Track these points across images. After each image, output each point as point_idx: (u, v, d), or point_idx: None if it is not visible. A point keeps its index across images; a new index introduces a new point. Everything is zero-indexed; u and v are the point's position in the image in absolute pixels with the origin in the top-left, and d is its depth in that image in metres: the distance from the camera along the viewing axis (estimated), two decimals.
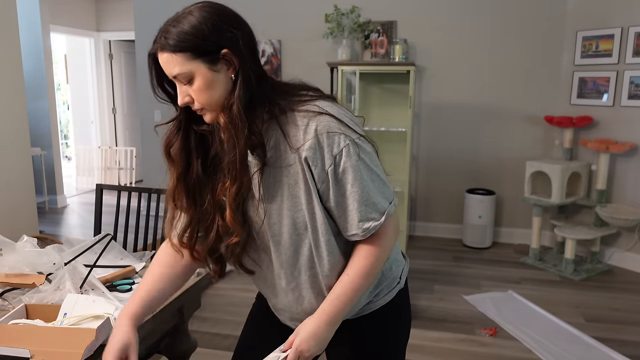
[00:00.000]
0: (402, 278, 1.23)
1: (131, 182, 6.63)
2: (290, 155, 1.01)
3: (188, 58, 0.97)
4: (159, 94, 1.08)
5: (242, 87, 0.99)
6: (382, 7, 4.36)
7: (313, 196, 1.02)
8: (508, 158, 4.33)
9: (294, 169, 1.01)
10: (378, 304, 1.17)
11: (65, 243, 1.67)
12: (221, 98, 1.00)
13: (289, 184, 1.02)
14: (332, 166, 1.00)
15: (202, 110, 1.03)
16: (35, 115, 5.32)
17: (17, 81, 3.32)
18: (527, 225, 4.33)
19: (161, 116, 5.08)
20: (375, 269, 1.07)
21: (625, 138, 3.71)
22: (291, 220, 1.04)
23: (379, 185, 1.04)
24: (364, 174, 1.01)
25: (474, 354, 2.57)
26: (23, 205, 3.41)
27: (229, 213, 1.02)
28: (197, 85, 0.99)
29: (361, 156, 1.01)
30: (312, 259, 1.08)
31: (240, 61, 0.99)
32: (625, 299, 3.25)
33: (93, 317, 1.22)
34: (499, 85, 4.26)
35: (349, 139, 1.00)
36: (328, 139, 0.99)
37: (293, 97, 1.04)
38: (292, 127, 1.01)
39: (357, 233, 1.04)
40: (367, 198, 1.02)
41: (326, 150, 0.99)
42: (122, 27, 6.41)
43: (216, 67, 0.98)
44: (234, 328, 2.79)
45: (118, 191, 2.27)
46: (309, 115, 1.00)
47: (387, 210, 1.04)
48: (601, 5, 3.82)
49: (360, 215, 1.02)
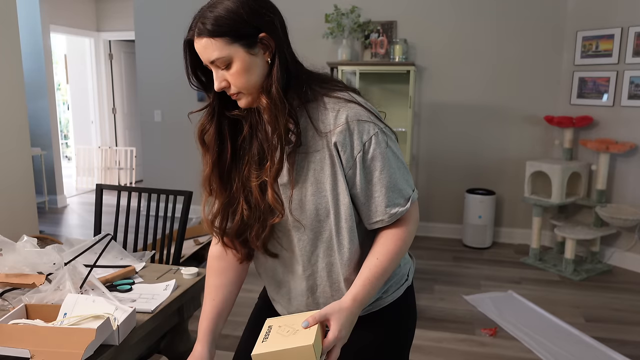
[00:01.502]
0: (409, 276, 1.24)
1: (131, 182, 6.63)
2: (318, 140, 1.04)
3: (227, 42, 0.98)
4: (193, 82, 1.09)
5: (279, 70, 1.01)
6: (382, 7, 4.36)
7: (339, 182, 1.04)
8: (508, 158, 4.33)
9: (320, 155, 1.04)
10: (387, 301, 1.18)
11: (65, 243, 1.67)
12: (258, 81, 1.02)
13: (314, 169, 1.04)
14: (360, 152, 1.03)
15: (238, 95, 1.04)
16: (35, 115, 5.32)
17: (17, 81, 3.32)
18: (527, 225, 4.33)
19: (161, 116, 5.08)
20: (401, 253, 1.09)
21: (625, 138, 3.71)
22: (314, 205, 1.06)
23: (404, 172, 1.08)
24: (392, 161, 1.05)
25: (474, 354, 2.57)
26: (23, 205, 3.41)
27: (271, 193, 1.04)
28: (235, 69, 1.00)
29: (389, 144, 1.05)
30: (332, 247, 1.09)
31: (277, 44, 1.02)
32: (625, 299, 3.25)
33: (93, 317, 1.22)
34: (499, 85, 4.26)
35: (377, 128, 1.04)
36: (358, 126, 1.02)
37: (325, 84, 1.08)
38: (322, 112, 1.04)
39: (383, 219, 1.06)
40: (394, 184, 1.05)
41: (356, 137, 1.02)
42: (122, 27, 6.41)
43: (254, 51, 1.00)
44: (234, 328, 2.79)
45: (118, 191, 2.27)
46: (340, 102, 1.04)
47: (411, 197, 1.08)
48: (601, 5, 3.82)
49: (388, 201, 1.05)
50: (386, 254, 1.07)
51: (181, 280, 1.59)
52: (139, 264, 1.70)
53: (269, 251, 1.15)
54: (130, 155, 6.62)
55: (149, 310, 1.37)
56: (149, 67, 5.03)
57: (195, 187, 1.30)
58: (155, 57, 5.00)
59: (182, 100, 4.99)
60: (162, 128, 5.10)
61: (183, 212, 2.12)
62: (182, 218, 2.12)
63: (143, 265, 1.71)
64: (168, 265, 1.74)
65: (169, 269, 1.70)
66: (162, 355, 1.69)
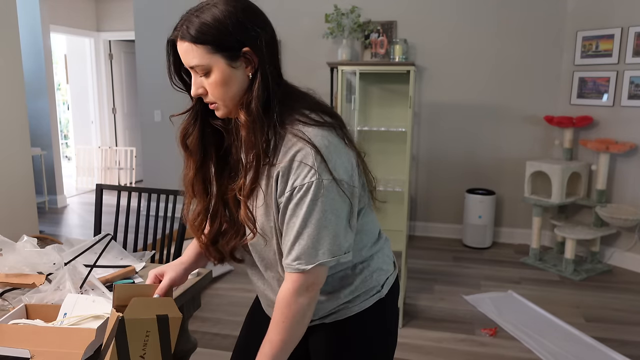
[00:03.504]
0: (383, 287, 1.18)
1: (131, 182, 6.63)
2: (272, 168, 1.01)
3: (208, 51, 0.96)
4: (175, 82, 1.08)
5: (260, 87, 0.99)
6: (382, 7, 4.36)
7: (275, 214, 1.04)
8: (508, 158, 4.33)
9: (272, 181, 1.01)
10: (353, 310, 1.15)
11: (65, 243, 1.67)
12: (236, 95, 1.01)
13: (266, 193, 1.02)
14: (288, 193, 0.98)
15: (214, 105, 1.03)
16: (35, 115, 5.32)
17: (17, 81, 3.32)
18: (527, 225, 4.33)
19: (161, 116, 5.08)
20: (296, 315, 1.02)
21: (625, 138, 3.71)
22: (261, 225, 1.05)
23: (325, 235, 0.99)
24: (313, 217, 0.98)
25: (474, 354, 2.57)
26: (23, 205, 3.41)
27: (244, 211, 1.03)
28: (213, 79, 0.98)
29: (320, 199, 0.97)
30: (276, 264, 1.10)
31: (260, 61, 0.99)
32: (625, 299, 3.25)
33: (93, 317, 1.22)
34: (499, 85, 4.26)
35: (316, 177, 0.96)
36: (298, 168, 0.97)
37: (295, 114, 1.02)
38: (280, 143, 1.00)
39: (284, 263, 1.02)
40: (304, 238, 0.99)
41: (291, 177, 0.98)
42: (122, 27, 6.41)
43: (235, 64, 0.98)
44: (234, 328, 2.79)
45: (118, 191, 2.27)
46: (298, 140, 0.99)
47: (317, 261, 0.99)
48: (601, 5, 3.82)
49: (291, 249, 1.00)
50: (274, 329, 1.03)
51: None
52: (139, 264, 1.70)
53: (235, 258, 1.17)
54: (130, 155, 6.61)
55: None
56: (149, 67, 5.03)
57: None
58: (155, 57, 5.00)
59: (182, 100, 4.94)
60: (162, 128, 5.10)
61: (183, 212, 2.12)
62: (182, 218, 2.12)
63: (143, 265, 1.70)
64: None
65: None
66: None
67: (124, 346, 0.99)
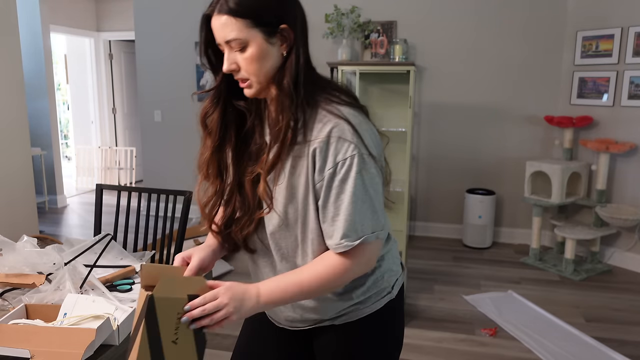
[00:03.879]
0: (394, 289, 1.18)
1: (131, 182, 6.63)
2: (302, 147, 1.01)
3: (246, 25, 0.96)
4: (203, 60, 1.07)
5: (293, 65, 0.99)
6: (382, 7, 4.36)
7: (310, 192, 1.02)
8: (508, 158, 4.33)
9: (301, 161, 1.01)
10: (364, 312, 1.14)
11: (65, 243, 1.67)
12: (269, 71, 1.00)
13: (292, 174, 1.02)
14: (331, 170, 0.98)
15: (245, 81, 1.02)
16: (35, 115, 5.32)
17: (17, 81, 3.33)
18: (527, 225, 4.33)
19: (161, 116, 5.08)
20: (330, 284, 1.03)
21: (625, 138, 3.71)
22: (283, 207, 1.04)
23: (368, 209, 1.00)
24: (358, 191, 0.98)
25: (474, 354, 2.57)
26: (23, 205, 3.41)
27: (262, 186, 1.02)
28: (249, 54, 0.98)
29: (362, 173, 0.98)
30: (295, 253, 1.08)
31: (295, 39, 0.99)
32: (625, 299, 3.25)
33: (93, 317, 1.22)
34: (499, 85, 4.26)
35: (357, 151, 0.97)
36: (337, 143, 0.97)
37: (325, 94, 1.04)
38: (312, 121, 1.01)
39: (330, 244, 1.02)
40: (350, 214, 0.98)
41: (331, 153, 0.98)
42: (122, 27, 6.41)
43: (272, 40, 0.98)
44: (234, 328, 2.79)
45: (118, 191, 2.27)
46: (331, 115, 1.00)
47: (365, 237, 1.00)
48: (601, 5, 3.82)
49: (337, 229, 1.00)
50: (312, 275, 1.02)
51: None
52: (139, 264, 1.70)
53: (248, 247, 1.14)
54: (130, 155, 6.62)
55: None
56: (149, 67, 5.03)
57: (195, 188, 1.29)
58: (155, 57, 5.00)
59: (182, 100, 4.99)
60: (162, 128, 5.10)
61: (183, 212, 2.12)
62: (182, 218, 2.12)
63: None
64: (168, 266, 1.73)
65: None
66: None
67: (155, 328, 0.92)
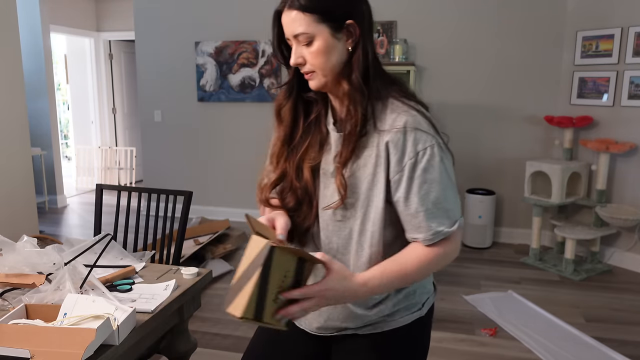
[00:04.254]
0: (424, 307, 1.17)
1: (131, 182, 6.63)
2: (371, 137, 1.02)
3: (314, 20, 0.98)
4: (277, 54, 1.10)
5: (361, 60, 1.01)
6: (382, 7, 4.35)
7: (378, 183, 1.02)
8: (508, 158, 4.33)
9: (367, 152, 1.03)
10: (391, 325, 1.13)
11: (65, 243, 1.67)
12: (334, 66, 1.02)
13: (357, 165, 1.03)
14: (412, 160, 0.99)
15: (311, 74, 1.04)
16: (35, 115, 5.32)
17: (17, 81, 3.33)
18: (527, 225, 4.33)
19: (161, 116, 5.08)
20: (429, 269, 1.03)
21: (625, 138, 3.71)
22: None
23: (454, 194, 1.03)
24: (443, 178, 1.00)
25: (474, 354, 2.57)
26: (23, 205, 3.41)
27: (339, 178, 1.03)
28: (315, 48, 1.00)
29: (444, 160, 1.01)
30: (349, 246, 1.08)
31: (361, 35, 1.01)
32: (625, 299, 3.25)
33: (93, 317, 1.22)
34: (499, 85, 4.26)
35: (435, 141, 1.00)
36: (415, 134, 0.99)
37: (393, 87, 1.06)
38: (383, 112, 1.03)
39: (426, 236, 1.01)
40: (441, 202, 1.00)
41: (410, 143, 0.99)
42: (122, 27, 6.41)
43: (338, 35, 1.01)
44: (234, 328, 2.79)
45: (118, 191, 2.27)
46: (404, 107, 1.02)
47: (458, 221, 1.02)
48: (601, 5, 3.81)
49: (432, 218, 1.00)
50: (414, 261, 1.01)
51: (181, 280, 1.59)
52: (139, 264, 1.70)
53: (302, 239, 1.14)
54: (130, 155, 6.62)
55: (149, 310, 1.37)
56: (149, 67, 5.03)
57: (195, 187, 1.29)
58: (155, 57, 5.00)
59: (182, 100, 4.99)
60: (162, 128, 5.10)
61: (183, 212, 2.12)
62: (182, 218, 2.12)
63: (143, 265, 1.71)
64: (168, 265, 1.73)
65: (169, 269, 1.70)
66: (162, 355, 1.69)
67: (266, 279, 0.89)
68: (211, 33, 4.80)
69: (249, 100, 4.81)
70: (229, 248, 3.88)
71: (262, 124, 4.83)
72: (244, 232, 4.32)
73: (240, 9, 4.68)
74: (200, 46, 4.82)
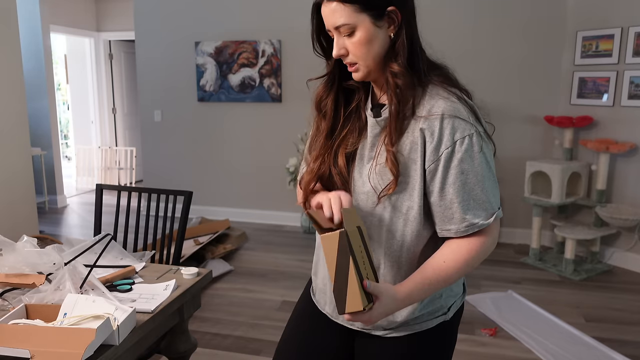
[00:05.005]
0: (450, 311, 1.13)
1: (131, 182, 6.63)
2: (408, 123, 1.01)
3: (355, 10, 0.97)
4: (316, 47, 1.09)
5: (405, 45, 1.00)
6: None
7: (410, 170, 1.00)
8: (508, 158, 4.33)
9: (404, 138, 1.01)
10: (414, 329, 1.10)
11: (65, 243, 1.67)
12: (377, 55, 1.01)
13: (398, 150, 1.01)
14: (449, 149, 0.96)
15: (354, 65, 1.03)
16: (35, 115, 5.32)
17: (17, 81, 3.33)
18: (527, 225, 4.33)
19: (161, 116, 5.08)
20: (470, 267, 1.00)
21: (625, 138, 3.71)
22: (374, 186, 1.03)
23: (493, 184, 0.99)
24: (482, 168, 0.97)
25: (474, 354, 2.57)
26: (23, 205, 3.41)
27: (390, 159, 0.99)
28: (357, 38, 0.99)
29: (483, 149, 0.98)
30: (379, 239, 1.06)
31: (403, 20, 1.00)
32: (625, 299, 3.25)
33: (93, 317, 1.22)
34: (499, 85, 4.26)
35: (474, 129, 0.97)
36: (453, 122, 0.97)
37: (437, 73, 1.05)
38: (422, 97, 1.01)
39: (459, 228, 0.98)
40: (478, 193, 0.97)
41: (447, 132, 0.96)
42: (122, 27, 6.41)
43: (379, 23, 0.99)
44: (234, 328, 2.79)
45: (118, 191, 2.27)
46: (444, 93, 1.00)
47: (496, 213, 0.99)
48: (601, 5, 3.82)
49: (467, 210, 0.97)
50: (455, 261, 0.99)
51: (181, 280, 1.59)
52: (139, 264, 1.70)
53: None
54: (130, 155, 6.62)
55: (149, 310, 1.37)
56: (149, 67, 5.03)
57: (195, 187, 1.29)
58: (155, 57, 5.00)
59: (182, 100, 4.99)
60: (162, 128, 5.10)
61: (183, 212, 2.12)
62: (182, 218, 2.12)
63: (143, 265, 1.71)
64: (168, 265, 1.74)
65: (169, 269, 1.70)
66: (162, 355, 1.69)
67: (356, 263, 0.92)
68: (211, 33, 4.80)
69: (249, 100, 4.81)
70: (229, 248, 3.88)
71: (262, 124, 4.84)
72: (244, 232, 4.32)
73: (240, 9, 4.67)
74: (200, 46, 4.82)
